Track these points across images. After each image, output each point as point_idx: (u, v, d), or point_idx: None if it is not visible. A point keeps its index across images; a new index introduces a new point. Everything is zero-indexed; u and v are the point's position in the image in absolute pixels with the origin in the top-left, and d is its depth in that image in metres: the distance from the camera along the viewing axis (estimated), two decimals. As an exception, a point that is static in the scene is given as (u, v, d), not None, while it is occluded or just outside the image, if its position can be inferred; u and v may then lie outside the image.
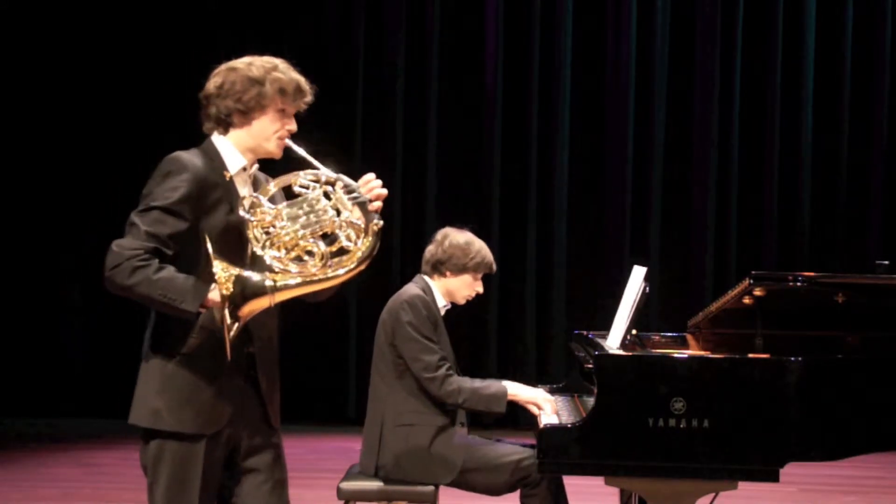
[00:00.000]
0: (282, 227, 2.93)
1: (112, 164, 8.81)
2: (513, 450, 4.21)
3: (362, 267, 2.95)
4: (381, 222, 2.98)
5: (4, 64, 8.90)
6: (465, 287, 4.35)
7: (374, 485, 4.20)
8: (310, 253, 2.93)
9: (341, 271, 2.93)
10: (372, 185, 3.02)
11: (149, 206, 2.97)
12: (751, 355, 3.73)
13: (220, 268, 2.84)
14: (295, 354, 8.71)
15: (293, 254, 2.93)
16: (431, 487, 4.17)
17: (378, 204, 3.00)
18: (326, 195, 2.98)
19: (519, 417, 6.97)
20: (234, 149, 3.09)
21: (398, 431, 4.18)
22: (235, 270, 2.86)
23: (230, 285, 2.83)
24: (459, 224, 4.47)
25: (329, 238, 2.96)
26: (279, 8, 8.91)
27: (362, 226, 2.95)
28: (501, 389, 4.20)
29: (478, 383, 4.23)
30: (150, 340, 3.05)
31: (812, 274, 3.85)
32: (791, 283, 3.85)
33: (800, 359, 3.60)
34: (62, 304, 8.92)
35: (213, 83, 3.09)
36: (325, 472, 6.42)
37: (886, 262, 4.01)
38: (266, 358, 3.12)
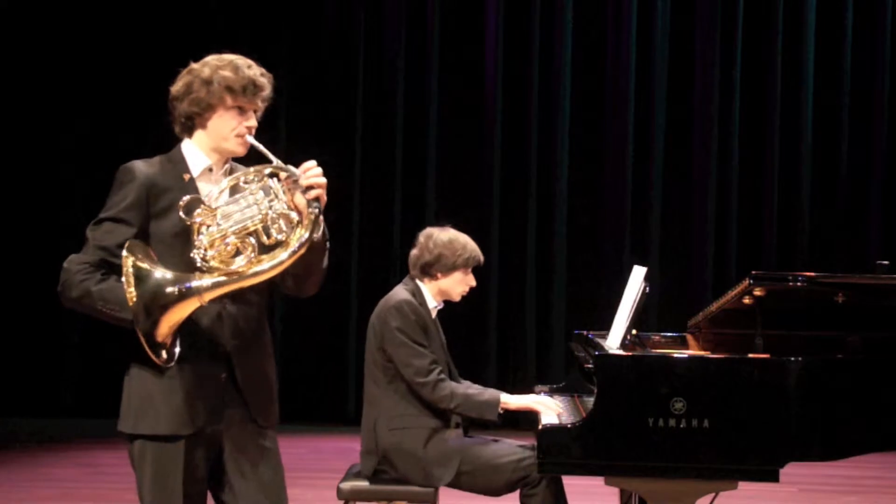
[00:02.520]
0: (216, 226, 2.91)
1: (110, 164, 8.81)
2: (512, 450, 4.21)
3: (296, 257, 2.90)
4: (317, 210, 2.93)
5: (4, 64, 8.91)
6: (458, 284, 4.34)
7: (374, 485, 4.20)
8: (245, 247, 2.91)
9: (272, 263, 2.89)
10: (311, 173, 2.97)
11: (100, 217, 3.04)
12: (751, 355, 3.73)
13: (124, 268, 2.83)
14: (295, 355, 8.75)
15: (229, 250, 2.90)
16: (431, 489, 4.16)
17: (317, 191, 2.94)
18: (266, 188, 2.95)
19: (519, 418, 6.95)
20: (198, 151, 3.09)
21: (392, 435, 4.18)
22: (134, 267, 2.82)
23: (133, 290, 2.81)
24: (441, 222, 4.46)
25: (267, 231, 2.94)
26: (279, 8, 8.91)
27: (295, 217, 2.93)
28: (494, 397, 4.20)
29: (471, 389, 4.22)
30: (125, 347, 3.05)
31: (812, 274, 3.84)
32: (791, 283, 3.85)
33: (800, 359, 3.60)
34: (62, 304, 8.91)
35: (174, 87, 3.10)
36: (325, 472, 6.42)
37: (886, 263, 4.01)
38: (247, 355, 3.09)
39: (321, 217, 2.95)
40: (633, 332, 4.33)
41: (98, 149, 8.88)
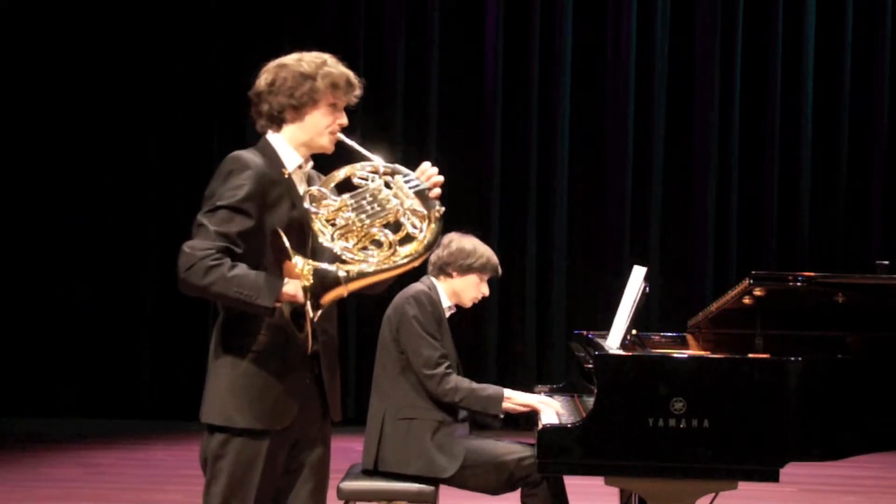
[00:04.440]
0: (348, 218, 2.93)
1: (112, 165, 8.84)
2: (513, 449, 4.22)
3: (429, 253, 2.98)
4: (443, 208, 3.01)
5: (4, 64, 8.91)
6: (471, 288, 4.38)
7: (374, 485, 4.21)
8: (377, 242, 2.95)
9: (409, 258, 2.94)
10: (429, 173, 3.05)
11: (215, 205, 2.97)
12: (751, 355, 3.73)
13: (301, 261, 2.85)
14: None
15: (361, 243, 2.94)
16: (431, 487, 4.16)
17: (437, 191, 3.03)
18: (387, 185, 2.99)
19: (519, 418, 6.97)
20: (288, 146, 3.10)
21: (399, 425, 4.19)
22: (313, 263, 2.87)
23: (311, 277, 2.83)
24: (465, 229, 4.49)
25: (393, 226, 2.98)
26: (279, 8, 8.91)
27: (425, 213, 2.98)
28: (498, 392, 4.23)
29: (476, 385, 4.24)
30: (219, 339, 3.06)
31: (812, 274, 3.84)
32: (791, 283, 3.85)
33: (800, 359, 3.60)
34: (62, 304, 8.91)
35: (263, 80, 3.10)
36: (325, 472, 6.41)
37: (886, 263, 4.01)
38: (329, 354, 3.14)
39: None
40: (633, 332, 4.33)
41: (100, 149, 8.89)
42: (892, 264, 4.03)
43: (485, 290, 4.44)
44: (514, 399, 4.24)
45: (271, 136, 3.11)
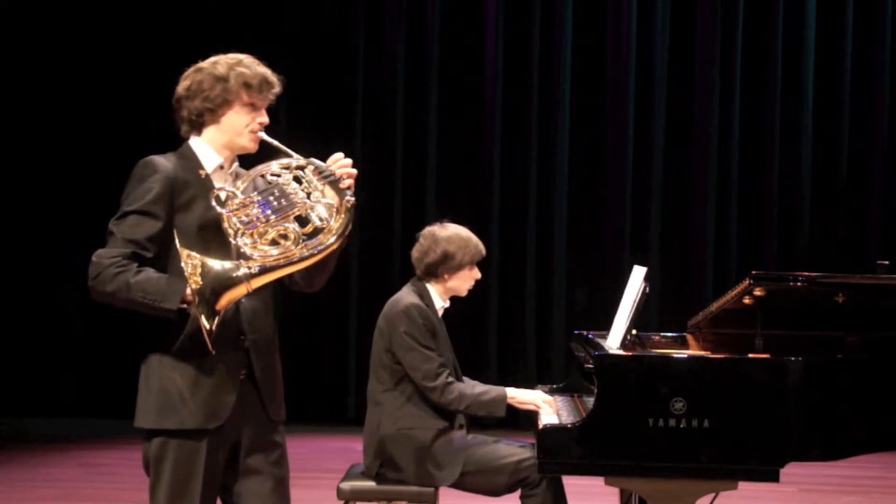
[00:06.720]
0: (251, 215, 2.95)
1: (113, 165, 8.83)
2: (512, 451, 4.22)
3: (337, 244, 2.98)
4: (353, 199, 3.02)
5: (4, 64, 8.91)
6: (465, 280, 4.36)
7: (375, 485, 4.20)
8: (284, 236, 2.96)
9: (318, 248, 2.96)
10: (341, 164, 3.06)
11: (124, 211, 3.04)
12: (751, 355, 3.73)
13: (186, 261, 2.86)
14: (295, 354, 8.75)
15: (268, 238, 2.96)
16: (431, 488, 4.17)
17: (349, 182, 3.05)
18: (297, 179, 3.01)
19: (519, 418, 6.96)
20: (209, 148, 3.12)
21: (398, 436, 4.18)
22: (198, 260, 2.87)
23: (198, 278, 2.85)
24: (439, 220, 4.46)
25: (303, 220, 3.00)
26: (279, 8, 8.91)
27: (335, 205, 2.99)
28: (501, 394, 4.23)
29: (478, 389, 4.25)
30: (145, 342, 3.07)
31: (812, 274, 3.85)
32: (791, 283, 3.85)
33: (800, 359, 3.60)
34: (61, 304, 8.91)
35: (181, 86, 3.14)
36: (325, 472, 6.41)
37: (886, 263, 4.01)
38: (262, 351, 3.13)
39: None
40: (633, 332, 4.33)
41: (99, 149, 8.89)
42: (892, 264, 4.03)
43: (476, 276, 4.40)
44: (517, 398, 4.26)
45: (193, 140, 3.14)
